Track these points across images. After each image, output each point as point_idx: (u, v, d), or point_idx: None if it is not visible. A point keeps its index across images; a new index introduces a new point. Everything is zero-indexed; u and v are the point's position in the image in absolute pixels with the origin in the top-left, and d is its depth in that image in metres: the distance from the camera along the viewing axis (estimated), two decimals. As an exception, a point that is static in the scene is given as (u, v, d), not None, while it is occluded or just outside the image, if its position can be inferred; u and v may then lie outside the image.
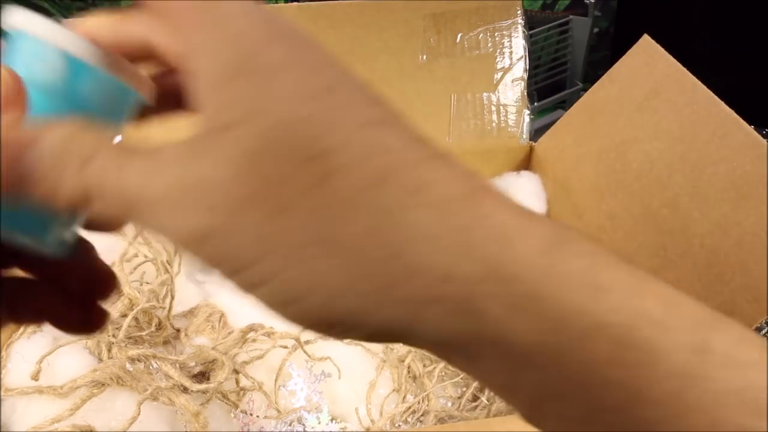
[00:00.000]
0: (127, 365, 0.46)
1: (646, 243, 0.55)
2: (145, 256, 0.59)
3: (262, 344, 0.53)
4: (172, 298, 0.58)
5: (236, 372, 0.51)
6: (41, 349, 0.48)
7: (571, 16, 1.11)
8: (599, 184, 0.63)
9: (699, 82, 0.57)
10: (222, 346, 0.51)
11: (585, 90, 1.14)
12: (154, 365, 0.47)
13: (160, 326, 0.56)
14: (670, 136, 0.57)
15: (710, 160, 0.52)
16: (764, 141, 0.48)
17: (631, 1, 1.20)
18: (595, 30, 1.10)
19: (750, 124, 0.51)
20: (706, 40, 1.07)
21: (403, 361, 0.57)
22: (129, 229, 0.60)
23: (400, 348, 0.58)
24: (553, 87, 1.16)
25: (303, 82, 0.16)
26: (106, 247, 0.60)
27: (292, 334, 0.51)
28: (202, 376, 0.50)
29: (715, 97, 0.55)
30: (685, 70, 0.60)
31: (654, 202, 0.56)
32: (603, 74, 0.69)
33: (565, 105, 1.17)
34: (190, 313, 0.60)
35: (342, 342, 0.58)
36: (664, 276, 0.52)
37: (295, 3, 0.72)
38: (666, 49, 0.63)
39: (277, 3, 1.19)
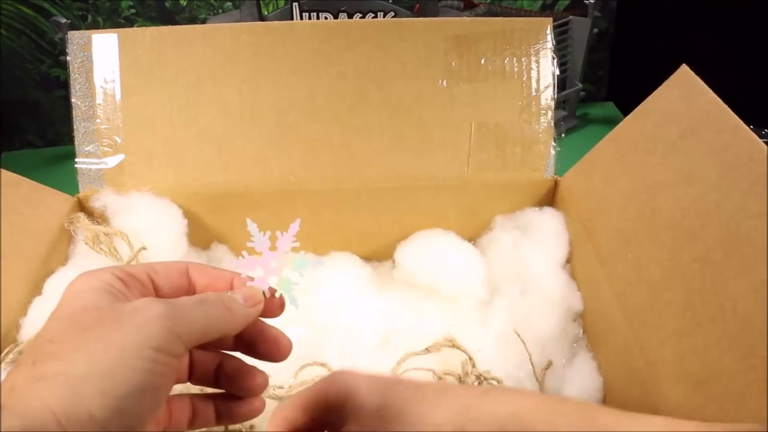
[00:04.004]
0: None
1: (673, 301, 0.50)
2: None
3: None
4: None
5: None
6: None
7: (571, 17, 1.08)
8: (625, 230, 0.58)
9: (741, 122, 0.52)
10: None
11: (585, 90, 1.10)
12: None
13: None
14: (705, 182, 0.52)
15: (749, 212, 0.47)
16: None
17: (631, 1, 1.18)
18: (595, 31, 1.06)
19: (750, 124, 0.48)
20: (705, 41, 1.04)
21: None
22: (124, 253, 0.58)
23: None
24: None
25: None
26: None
27: (283, 387, 0.47)
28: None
29: (759, 140, 0.50)
30: (725, 107, 0.54)
31: (684, 255, 0.50)
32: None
33: (565, 105, 1.14)
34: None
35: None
36: (690, 342, 0.47)
37: (309, 21, 0.68)
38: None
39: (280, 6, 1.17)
